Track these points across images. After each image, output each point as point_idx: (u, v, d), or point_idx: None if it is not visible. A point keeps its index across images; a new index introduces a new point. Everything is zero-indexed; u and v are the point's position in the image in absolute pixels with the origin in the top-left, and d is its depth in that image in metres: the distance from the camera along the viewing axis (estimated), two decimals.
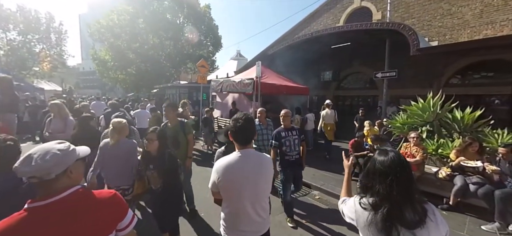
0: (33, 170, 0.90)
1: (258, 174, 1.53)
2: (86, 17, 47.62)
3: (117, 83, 20.59)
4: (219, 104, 9.75)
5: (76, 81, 47.03)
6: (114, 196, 1.08)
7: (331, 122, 6.79)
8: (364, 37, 9.11)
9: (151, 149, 2.37)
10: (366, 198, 1.12)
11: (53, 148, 0.96)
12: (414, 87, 10.23)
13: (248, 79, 6.48)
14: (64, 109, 3.79)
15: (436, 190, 3.90)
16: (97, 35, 17.79)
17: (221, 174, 1.50)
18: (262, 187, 1.58)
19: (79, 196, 0.98)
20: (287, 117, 3.42)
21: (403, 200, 1.02)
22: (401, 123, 5.29)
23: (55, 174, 0.93)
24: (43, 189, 0.93)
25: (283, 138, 3.31)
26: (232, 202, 1.53)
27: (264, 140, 4.02)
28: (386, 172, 1.06)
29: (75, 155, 1.03)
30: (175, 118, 3.49)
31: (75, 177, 1.03)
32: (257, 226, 1.57)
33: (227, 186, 1.51)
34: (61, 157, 0.96)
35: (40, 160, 0.90)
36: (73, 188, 0.98)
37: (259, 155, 1.62)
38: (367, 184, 1.14)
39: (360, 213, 1.11)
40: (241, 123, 1.53)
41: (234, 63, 20.10)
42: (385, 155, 1.11)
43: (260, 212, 1.56)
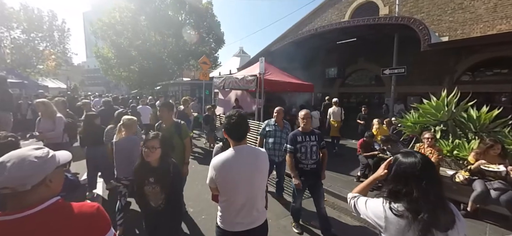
0: (5, 180, 0.78)
1: (253, 169, 1.58)
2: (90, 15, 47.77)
3: (120, 80, 20.60)
4: (222, 101, 9.56)
5: (81, 79, 47.43)
6: (97, 210, 0.95)
7: (338, 119, 6.94)
8: (371, 33, 8.80)
9: (151, 159, 1.91)
10: (397, 204, 1.06)
11: (30, 155, 0.84)
12: (423, 84, 9.90)
13: (251, 76, 6.26)
14: (51, 107, 3.61)
15: (453, 195, 3.65)
16: (99, 33, 17.77)
17: (217, 170, 1.56)
18: (258, 181, 1.63)
19: (57, 209, 0.87)
20: (308, 118, 2.91)
21: (438, 203, 1.02)
22: (412, 122, 5.01)
23: (31, 185, 0.81)
24: (15, 201, 0.81)
25: (298, 143, 2.86)
26: (228, 196, 1.59)
27: (279, 144, 3.63)
28: (420, 176, 1.03)
29: (55, 162, 0.91)
30: (171, 119, 3.19)
31: (54, 187, 0.91)
32: (253, 218, 1.62)
33: (223, 181, 1.57)
34: (39, 165, 0.84)
35: (14, 169, 0.79)
36: (51, 200, 0.87)
37: (253, 150, 1.66)
38: (399, 189, 1.08)
39: (392, 220, 1.05)
40: (234, 120, 1.59)
41: (237, 60, 19.87)
42: (413, 157, 1.09)
43: (256, 205, 1.62)
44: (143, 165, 1.95)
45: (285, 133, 3.66)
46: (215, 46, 20.59)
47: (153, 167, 1.93)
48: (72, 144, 4.05)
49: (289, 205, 3.84)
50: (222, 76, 8.08)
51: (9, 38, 18.83)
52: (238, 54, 22.14)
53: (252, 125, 6.59)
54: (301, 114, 2.96)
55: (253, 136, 6.40)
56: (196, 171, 5.24)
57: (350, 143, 7.82)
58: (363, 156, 4.61)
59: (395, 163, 1.14)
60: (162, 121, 3.18)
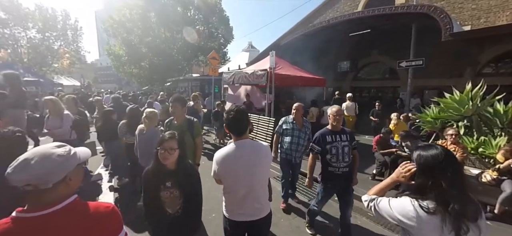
0: (28, 177, 0.78)
1: (253, 162, 1.62)
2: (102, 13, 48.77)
3: (132, 77, 20.94)
4: (231, 96, 9.47)
5: (95, 76, 48.76)
6: (112, 210, 0.97)
7: (352, 114, 6.95)
8: (386, 23, 8.38)
9: (169, 162, 1.70)
10: (425, 201, 1.03)
11: (53, 152, 0.85)
12: (441, 77, 9.41)
13: (261, 70, 6.11)
14: (59, 104, 3.63)
15: (478, 196, 3.39)
16: (110, 30, 18.03)
17: (219, 163, 1.63)
18: (259, 175, 1.67)
19: (75, 208, 0.88)
20: (340, 116, 2.57)
21: (464, 192, 1.02)
22: (432, 117, 4.73)
23: (53, 183, 0.82)
24: (36, 198, 0.82)
25: (328, 144, 2.54)
26: (230, 188, 1.66)
27: (297, 144, 3.37)
28: (444, 167, 1.02)
29: (76, 160, 0.92)
30: (183, 115, 2.96)
31: (73, 185, 0.92)
32: (255, 211, 1.67)
33: (225, 175, 1.65)
34: (61, 163, 0.85)
35: (37, 166, 0.80)
36: (70, 198, 0.88)
37: (254, 144, 1.70)
38: (426, 184, 1.05)
39: (426, 219, 1.01)
40: (232, 115, 1.63)
41: (246, 54, 19.69)
42: (434, 149, 1.08)
43: (257, 198, 1.67)
44: (159, 169, 1.72)
45: (304, 133, 3.42)
46: (224, 41, 20.45)
47: (170, 170, 1.73)
48: (81, 141, 4.07)
49: (303, 205, 3.71)
50: (232, 71, 7.96)
51: (26, 38, 19.51)
52: (247, 49, 21.94)
53: (262, 121, 6.46)
54: (332, 111, 2.59)
55: (262, 131, 6.28)
56: (205, 167, 5.18)
57: (363, 139, 7.55)
58: (380, 153, 4.39)
59: (417, 160, 1.12)
60: (174, 118, 2.95)
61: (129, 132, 3.80)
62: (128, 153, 3.95)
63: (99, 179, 4.49)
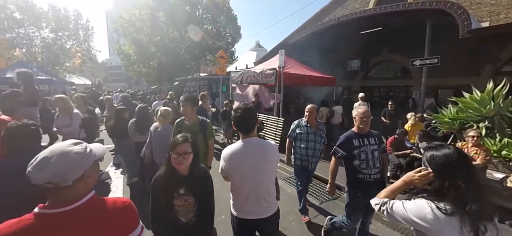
0: (49, 176, 0.80)
1: (260, 160, 1.63)
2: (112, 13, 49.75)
3: (141, 76, 21.24)
4: (239, 96, 9.41)
5: (105, 75, 49.83)
6: (129, 205, 1.00)
7: None
8: (399, 21, 8.12)
9: (182, 167, 1.57)
10: (443, 203, 1.01)
11: (71, 150, 0.86)
12: (457, 76, 9.06)
13: (270, 70, 6.01)
14: (69, 103, 3.65)
15: (502, 202, 3.19)
16: (121, 30, 18.32)
17: (227, 161, 1.65)
18: (266, 173, 1.67)
19: (94, 204, 0.91)
20: (368, 118, 2.32)
21: (481, 191, 1.01)
22: (450, 117, 4.51)
23: (72, 180, 0.84)
24: (57, 195, 0.84)
25: (356, 149, 2.30)
26: (236, 185, 1.68)
27: (313, 149, 3.10)
28: (459, 166, 1.02)
29: (92, 157, 0.93)
30: (195, 115, 2.81)
31: (91, 181, 0.94)
32: (262, 209, 1.68)
33: (231, 172, 1.66)
34: (79, 161, 0.86)
35: (56, 164, 0.81)
36: (88, 195, 0.90)
37: (261, 142, 1.71)
38: (442, 185, 1.03)
39: (444, 221, 0.98)
40: (239, 113, 1.65)
41: (253, 54, 19.62)
42: (446, 148, 1.07)
43: (264, 196, 1.66)
44: (171, 175, 1.57)
45: (320, 136, 3.18)
46: (231, 41, 20.44)
47: (183, 176, 1.59)
48: (90, 139, 4.08)
49: (314, 208, 3.58)
50: (240, 70, 7.91)
51: (39, 38, 20.07)
52: (255, 48, 21.85)
53: (271, 120, 6.37)
54: (359, 112, 2.33)
55: (271, 132, 6.19)
56: (214, 167, 5.15)
57: None
58: (394, 155, 4.22)
59: (430, 161, 1.10)
60: (185, 118, 2.82)
61: (137, 131, 3.81)
62: (137, 151, 3.96)
63: (107, 178, 4.51)
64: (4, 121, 2.68)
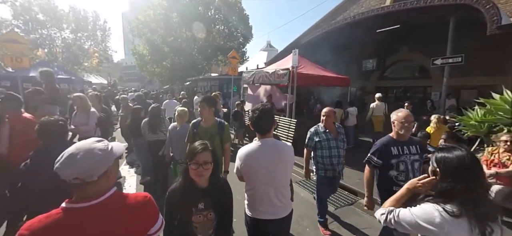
0: (76, 172, 0.85)
1: (275, 161, 1.64)
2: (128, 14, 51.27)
3: (154, 76, 21.71)
4: (251, 96, 9.36)
5: (120, 75, 51.43)
6: (149, 200, 1.06)
7: (381, 114, 6.61)
8: (419, 17, 7.74)
9: (202, 179, 1.41)
10: (449, 205, 1.00)
11: (95, 147, 0.91)
12: (481, 75, 8.55)
13: (283, 70, 5.90)
14: (87, 102, 3.71)
15: None
16: (136, 30, 18.81)
17: (242, 160, 1.67)
18: (281, 174, 1.69)
19: (116, 199, 0.96)
20: (409, 123, 2.05)
21: (487, 193, 1.03)
22: (477, 120, 4.21)
23: (97, 176, 0.89)
24: (83, 190, 0.88)
25: (394, 158, 2.05)
26: (252, 185, 1.69)
27: (338, 156, 2.85)
28: (471, 169, 1.02)
29: (114, 154, 0.97)
30: (212, 116, 2.67)
31: (113, 177, 0.99)
32: (276, 209, 1.69)
33: (247, 172, 1.68)
34: (103, 157, 0.91)
35: (82, 161, 0.85)
36: (111, 191, 0.95)
37: (277, 143, 1.72)
38: (450, 187, 1.02)
39: (452, 223, 0.97)
40: (257, 114, 1.67)
41: (264, 54, 19.58)
42: (459, 151, 1.06)
43: (279, 197, 1.68)
44: (189, 188, 1.40)
45: (341, 140, 2.94)
46: (243, 41, 20.45)
47: (202, 188, 1.42)
48: (105, 138, 4.17)
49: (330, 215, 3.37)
50: (252, 71, 7.84)
51: (60, 38, 20.98)
52: (266, 48, 21.79)
53: (283, 121, 6.26)
54: (399, 116, 2.05)
55: (283, 133, 6.08)
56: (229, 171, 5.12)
57: None
58: None
59: (440, 162, 1.09)
60: (202, 119, 2.68)
61: (150, 130, 3.85)
62: (149, 150, 4.01)
63: (120, 177, 4.58)
64: (26, 119, 2.76)
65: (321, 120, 2.94)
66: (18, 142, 2.55)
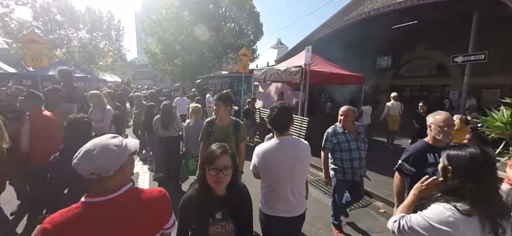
0: (93, 167, 0.87)
1: (293, 160, 1.64)
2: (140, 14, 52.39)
3: (165, 74, 22.09)
4: (262, 94, 9.29)
5: (133, 73, 52.72)
6: (164, 194, 1.08)
7: (396, 113, 6.46)
8: (438, 13, 7.40)
9: (222, 186, 1.26)
10: (460, 203, 0.98)
11: (110, 143, 0.92)
12: (505, 74, 8.08)
13: (296, 67, 5.80)
14: (103, 99, 3.79)
15: None
16: (148, 29, 19.18)
17: (260, 158, 1.67)
18: (298, 172, 1.68)
19: (133, 194, 0.98)
20: (448, 127, 1.80)
21: (499, 192, 1.03)
22: (503, 121, 3.97)
23: (113, 171, 0.91)
24: (100, 185, 0.91)
25: (430, 166, 1.78)
26: (268, 183, 1.68)
27: (359, 159, 2.62)
28: (484, 167, 1.00)
29: (128, 150, 0.98)
30: (228, 115, 2.55)
31: (128, 172, 1.00)
32: (292, 207, 1.68)
33: (264, 169, 1.68)
34: (118, 153, 0.92)
35: (99, 156, 0.87)
36: (127, 186, 0.97)
37: (295, 141, 1.72)
38: (462, 185, 1.01)
39: (465, 222, 0.95)
40: (276, 112, 1.67)
41: (274, 51, 19.42)
42: (472, 148, 1.05)
43: (295, 195, 1.67)
44: (205, 196, 1.25)
45: (362, 141, 2.71)
46: (253, 38, 20.39)
47: (220, 196, 1.27)
48: (120, 135, 4.25)
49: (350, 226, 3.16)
50: (263, 68, 7.78)
51: (77, 38, 21.75)
52: (276, 46, 21.62)
53: (295, 120, 6.17)
54: (438, 119, 1.82)
55: (294, 132, 5.99)
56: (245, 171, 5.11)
57: (406, 143, 6.81)
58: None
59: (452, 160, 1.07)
60: (218, 118, 2.52)
61: (162, 127, 3.90)
62: (161, 146, 4.07)
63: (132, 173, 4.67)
64: (46, 116, 2.84)
65: (339, 120, 2.71)
66: (38, 139, 2.63)
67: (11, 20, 16.59)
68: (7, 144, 2.35)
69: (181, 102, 7.49)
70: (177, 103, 7.30)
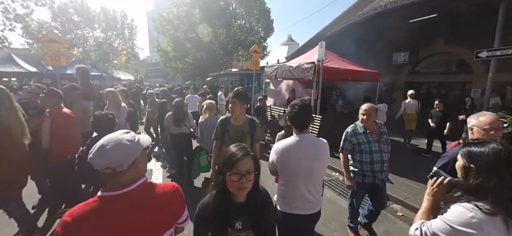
0: (108, 161, 0.90)
1: (313, 158, 1.64)
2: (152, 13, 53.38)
3: (177, 72, 22.42)
4: (273, 91, 9.21)
5: (146, 72, 53.96)
6: (177, 189, 1.09)
7: (413, 112, 6.27)
8: (461, 5, 7.00)
9: (243, 194, 1.13)
10: (481, 202, 0.94)
11: (123, 138, 0.95)
12: None
13: (308, 63, 5.67)
14: (118, 97, 3.84)
15: None
16: (160, 28, 19.50)
17: (279, 155, 1.66)
18: (317, 170, 1.68)
19: (146, 188, 1.00)
20: (495, 131, 1.57)
21: None
22: None
23: (127, 166, 0.93)
24: (114, 180, 0.94)
25: None
26: (287, 180, 1.68)
27: (381, 162, 2.39)
28: (506, 164, 0.96)
29: (141, 145, 1.00)
30: (244, 114, 2.41)
31: (142, 167, 1.03)
32: (310, 205, 1.69)
33: (283, 167, 1.67)
34: (131, 148, 0.95)
35: (113, 151, 0.90)
36: (141, 180, 0.99)
37: (315, 139, 1.72)
38: (485, 184, 0.96)
39: (489, 222, 0.91)
40: (296, 109, 1.65)
41: (285, 48, 19.21)
42: (495, 145, 1.01)
43: (313, 193, 1.68)
44: (224, 203, 1.12)
45: (385, 142, 2.47)
46: (264, 35, 20.26)
47: (239, 203, 1.14)
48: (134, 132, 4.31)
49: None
50: (274, 65, 7.67)
51: (92, 37, 22.45)
52: (286, 43, 21.39)
53: None
54: (482, 121, 1.61)
55: None
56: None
57: (423, 143, 6.53)
58: None
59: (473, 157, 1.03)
60: (233, 117, 2.37)
61: (174, 124, 3.94)
62: (173, 143, 4.11)
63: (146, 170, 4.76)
64: (66, 114, 2.90)
65: (361, 119, 2.48)
66: (58, 135, 2.69)
67: (32, 20, 17.34)
68: (28, 140, 2.41)
69: (192, 100, 7.61)
70: (188, 100, 7.39)
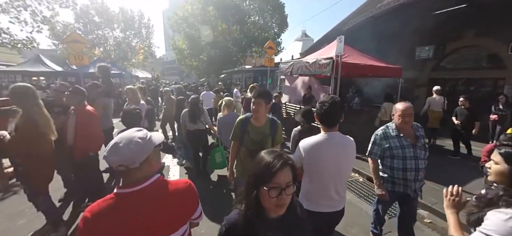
0: (121, 159, 0.91)
1: (341, 156, 1.63)
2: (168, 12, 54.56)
3: (192, 70, 22.79)
4: (288, 88, 9.04)
5: (162, 70, 55.45)
6: (190, 185, 1.10)
7: (439, 109, 5.99)
8: None
9: (280, 211, 0.93)
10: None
11: (135, 136, 0.96)
12: None
13: (326, 59, 5.47)
14: (137, 94, 3.95)
15: None
16: (175, 26, 19.85)
17: (307, 152, 1.63)
18: (344, 169, 1.68)
19: (160, 185, 1.01)
20: None
21: None
22: None
23: (139, 163, 0.94)
24: (128, 177, 0.95)
25: None
26: (314, 178, 1.67)
27: (416, 170, 2.08)
28: None
29: (153, 143, 1.02)
30: (266, 115, 2.21)
31: (155, 164, 1.04)
32: (334, 203, 1.69)
33: (310, 163, 1.65)
34: (143, 145, 0.96)
35: (126, 149, 0.91)
36: (154, 177, 1.00)
37: (343, 137, 1.69)
38: None
39: None
40: (326, 106, 1.63)
41: (299, 44, 18.88)
42: None
43: (339, 191, 1.67)
44: (256, 220, 0.92)
45: (422, 148, 2.14)
46: (278, 31, 20.00)
47: (272, 219, 0.94)
48: (150, 129, 4.37)
49: None
50: (290, 61, 7.51)
51: (112, 37, 23.32)
52: (301, 38, 21.00)
53: None
54: None
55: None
56: None
57: (448, 143, 6.11)
58: None
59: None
60: (254, 117, 2.18)
61: (190, 120, 3.98)
62: (189, 139, 4.18)
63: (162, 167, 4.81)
64: (89, 111, 2.98)
65: (394, 118, 2.22)
66: (82, 132, 2.77)
67: (57, 22, 18.31)
68: (55, 136, 2.50)
69: (207, 97, 7.70)
70: (203, 97, 7.48)
